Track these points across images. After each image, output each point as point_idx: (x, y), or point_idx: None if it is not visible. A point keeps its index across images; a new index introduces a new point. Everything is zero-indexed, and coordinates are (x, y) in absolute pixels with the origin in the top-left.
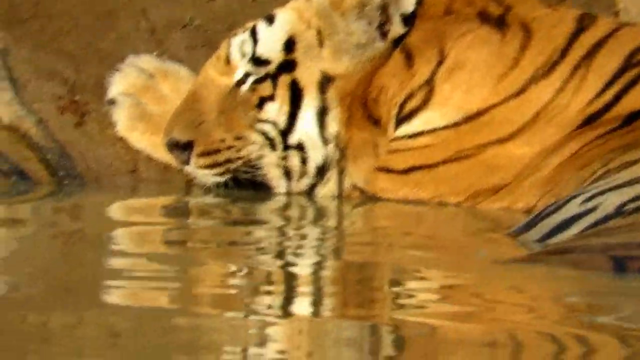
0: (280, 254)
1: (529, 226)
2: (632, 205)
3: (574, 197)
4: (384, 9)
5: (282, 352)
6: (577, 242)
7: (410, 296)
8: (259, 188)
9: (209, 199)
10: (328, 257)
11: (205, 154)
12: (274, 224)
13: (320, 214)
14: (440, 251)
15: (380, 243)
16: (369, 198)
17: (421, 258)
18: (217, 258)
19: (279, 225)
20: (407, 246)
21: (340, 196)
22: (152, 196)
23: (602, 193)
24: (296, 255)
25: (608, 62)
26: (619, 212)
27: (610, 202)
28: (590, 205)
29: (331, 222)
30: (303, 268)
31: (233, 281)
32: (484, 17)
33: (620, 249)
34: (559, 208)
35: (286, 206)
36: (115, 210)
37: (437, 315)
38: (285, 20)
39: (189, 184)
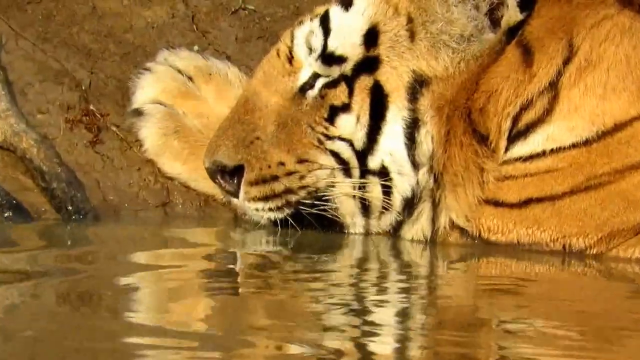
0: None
1: None
2: None
3: None
4: None
5: None
6: None
7: None
8: (327, 226)
9: (263, 243)
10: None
11: (259, 181)
12: (347, 285)
13: (409, 269)
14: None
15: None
16: (472, 240)
17: None
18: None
19: (354, 289)
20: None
21: (435, 238)
22: (189, 241)
23: None
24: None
25: None
26: None
27: None
28: None
29: (423, 284)
30: None
31: None
32: None
33: None
34: None
35: (365, 256)
36: (142, 260)
37: None
38: (366, 3)
39: (238, 222)
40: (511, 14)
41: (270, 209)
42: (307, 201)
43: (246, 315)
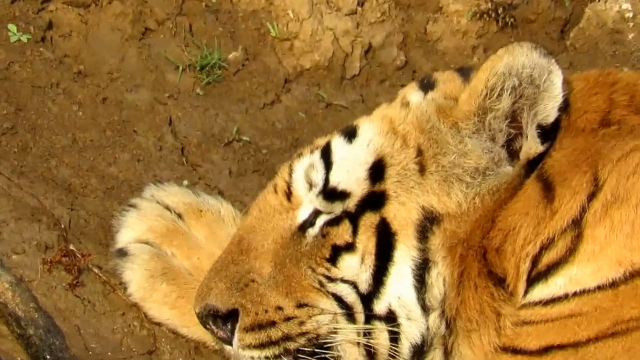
0: None
1: None
2: None
3: None
4: (513, 117)
5: None
6: None
7: None
8: None
9: None
10: None
11: (254, 327)
12: None
13: None
14: None
15: None
16: None
17: None
18: None
19: None
20: None
21: None
22: None
23: None
24: None
25: None
26: None
27: None
28: None
29: None
30: None
31: None
32: None
33: None
34: None
35: None
36: None
37: None
38: (371, 134)
39: None
40: (531, 145)
41: (267, 358)
42: (307, 349)
43: None
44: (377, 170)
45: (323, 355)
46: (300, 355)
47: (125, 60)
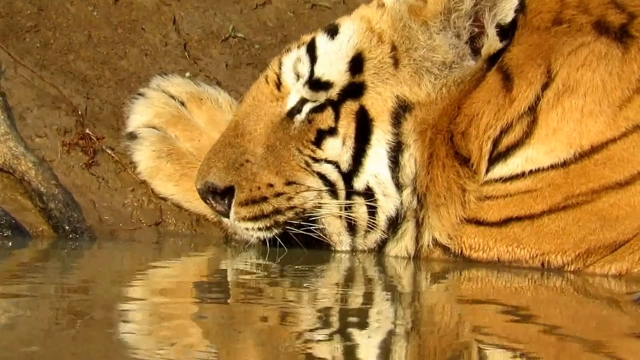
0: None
1: None
2: None
3: None
4: (476, 17)
5: None
6: None
7: None
8: (314, 245)
9: (253, 260)
10: None
11: (248, 202)
12: (331, 297)
13: (392, 285)
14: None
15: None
16: (454, 257)
17: None
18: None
19: (338, 300)
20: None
21: (418, 256)
22: (181, 260)
23: None
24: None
25: None
26: None
27: None
28: None
29: (406, 301)
30: None
31: None
32: (602, 27)
33: None
34: None
35: (350, 272)
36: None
37: None
38: (351, 32)
39: (228, 240)
40: (491, 42)
41: (259, 229)
42: (294, 221)
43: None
44: (357, 63)
45: (309, 227)
46: (288, 227)
47: None
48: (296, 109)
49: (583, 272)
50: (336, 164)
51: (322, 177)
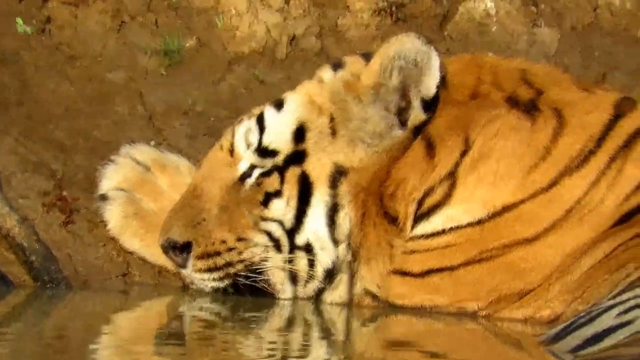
0: None
1: (558, 337)
2: None
3: (610, 307)
4: (403, 93)
5: None
6: (609, 352)
7: None
8: (261, 293)
9: (206, 306)
10: None
11: (204, 256)
12: (275, 340)
13: (327, 329)
14: None
15: None
16: (382, 304)
17: None
18: None
19: (280, 342)
20: None
21: (351, 302)
22: (145, 306)
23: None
24: None
25: None
26: None
27: None
28: (627, 317)
29: (339, 344)
30: None
31: None
32: (513, 101)
33: None
34: (592, 319)
35: (291, 318)
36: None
37: None
38: (295, 105)
39: (186, 289)
40: (416, 114)
41: (213, 279)
42: (243, 273)
43: None
44: (300, 133)
45: (255, 278)
46: (238, 278)
47: (107, 47)
48: (247, 174)
49: (494, 317)
50: (281, 223)
51: (268, 234)
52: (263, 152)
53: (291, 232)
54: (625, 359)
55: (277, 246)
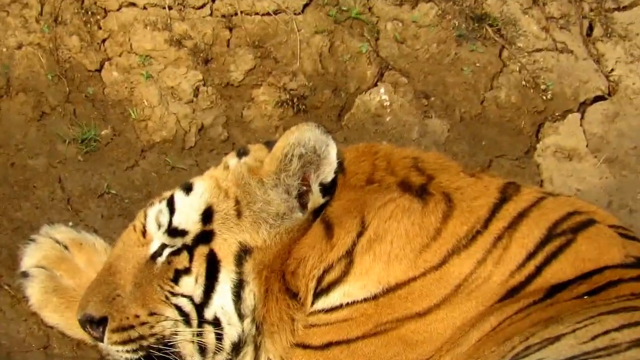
0: None
1: None
2: None
3: None
4: (303, 177)
5: None
6: None
7: None
8: None
9: None
10: None
11: (119, 329)
12: None
13: None
14: None
15: None
16: None
17: None
18: None
19: None
20: None
21: None
22: None
23: None
24: None
25: (531, 232)
26: None
27: None
28: None
29: None
30: None
31: None
32: (405, 186)
33: None
34: None
35: None
36: None
37: None
38: (202, 189)
39: None
40: (315, 197)
41: (127, 351)
42: (155, 345)
43: None
44: (207, 215)
45: (167, 351)
46: (151, 351)
47: (28, 135)
48: (158, 253)
49: None
50: (190, 298)
51: (178, 308)
52: (173, 232)
53: (200, 307)
54: None
55: (187, 320)
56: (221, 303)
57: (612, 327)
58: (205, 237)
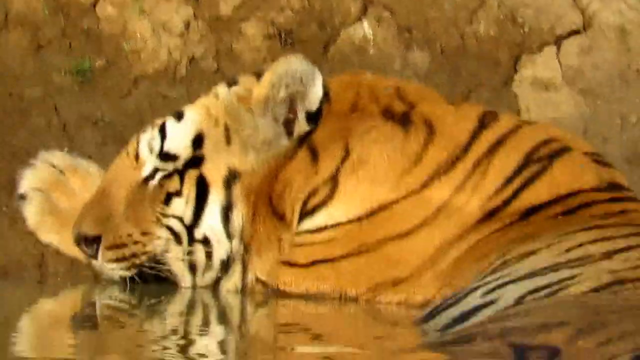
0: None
1: (429, 317)
2: (530, 297)
3: (475, 289)
4: (290, 106)
5: None
6: (476, 328)
7: None
8: (164, 282)
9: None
10: None
11: (112, 247)
12: (177, 323)
13: (223, 313)
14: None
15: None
16: (272, 291)
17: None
18: None
19: (182, 324)
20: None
21: (245, 290)
22: (59, 295)
23: (502, 285)
24: None
25: (508, 159)
26: (519, 303)
27: (510, 295)
28: (490, 297)
29: (235, 320)
30: None
31: None
32: (388, 114)
33: (518, 332)
34: (459, 300)
35: (191, 304)
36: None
37: None
38: (193, 117)
39: (97, 279)
40: (301, 125)
41: (121, 269)
42: (148, 264)
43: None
44: (197, 141)
45: (159, 268)
46: (144, 268)
47: (25, 66)
48: (150, 176)
49: (372, 302)
50: (181, 219)
51: (169, 228)
52: (165, 156)
53: (190, 227)
54: (490, 334)
55: (178, 240)
56: (210, 223)
57: (586, 240)
58: (196, 161)
